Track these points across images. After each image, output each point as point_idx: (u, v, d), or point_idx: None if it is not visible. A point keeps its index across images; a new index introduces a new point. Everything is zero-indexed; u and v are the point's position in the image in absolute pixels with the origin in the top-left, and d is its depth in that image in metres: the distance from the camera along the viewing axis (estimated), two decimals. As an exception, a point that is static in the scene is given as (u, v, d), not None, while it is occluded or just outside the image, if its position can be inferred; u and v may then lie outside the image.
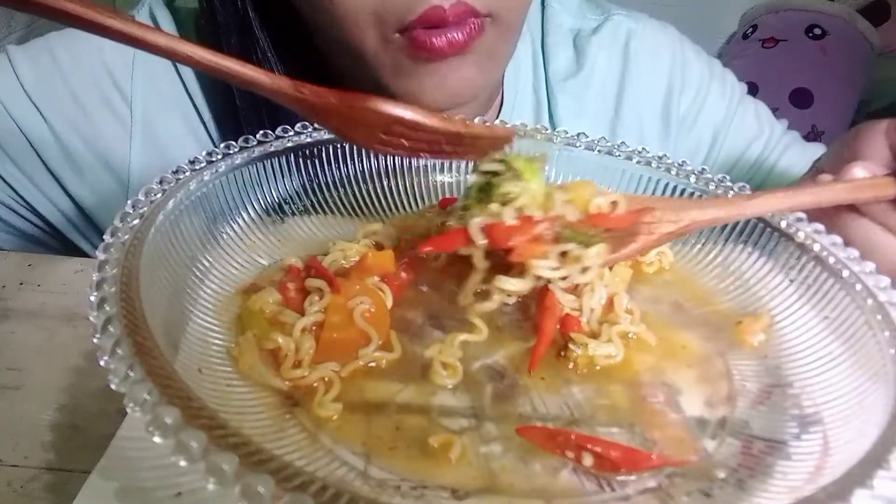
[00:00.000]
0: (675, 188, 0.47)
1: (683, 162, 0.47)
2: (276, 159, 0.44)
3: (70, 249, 0.63)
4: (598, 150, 0.49)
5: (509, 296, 0.36)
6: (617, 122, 0.69)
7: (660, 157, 0.48)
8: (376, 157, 0.48)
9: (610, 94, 0.69)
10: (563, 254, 0.36)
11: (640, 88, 0.70)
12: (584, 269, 0.36)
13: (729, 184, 0.45)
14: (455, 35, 0.49)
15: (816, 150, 0.71)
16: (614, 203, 0.38)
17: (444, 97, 0.52)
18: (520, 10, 0.54)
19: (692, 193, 0.46)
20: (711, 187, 0.46)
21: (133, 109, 0.59)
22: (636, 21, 0.71)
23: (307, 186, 0.46)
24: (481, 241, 0.35)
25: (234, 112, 0.58)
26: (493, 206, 0.36)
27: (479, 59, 0.52)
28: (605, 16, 0.71)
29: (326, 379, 0.33)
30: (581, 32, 0.70)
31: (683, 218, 0.39)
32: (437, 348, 0.35)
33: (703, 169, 0.47)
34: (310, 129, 0.46)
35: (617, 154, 0.48)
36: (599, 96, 0.69)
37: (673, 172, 0.47)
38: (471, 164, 0.49)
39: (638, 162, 0.48)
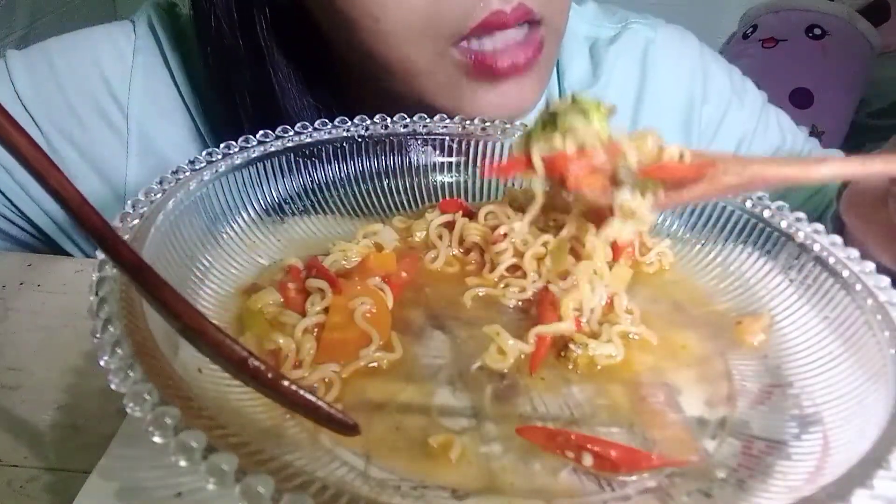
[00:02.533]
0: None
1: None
2: (276, 159, 0.44)
3: (62, 255, 0.62)
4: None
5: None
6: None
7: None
8: (376, 157, 0.48)
9: (627, 105, 0.68)
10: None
11: (659, 98, 0.68)
12: (630, 218, 0.37)
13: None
14: (518, 57, 0.48)
15: (836, 155, 0.70)
16: (681, 155, 0.38)
17: (504, 116, 0.51)
18: (566, 11, 0.53)
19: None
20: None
21: (129, 120, 0.59)
22: (654, 29, 0.69)
23: (307, 186, 0.46)
24: (540, 167, 0.37)
25: (232, 123, 0.57)
26: (557, 138, 0.37)
27: (536, 74, 0.51)
28: (623, 24, 0.69)
29: (327, 380, 0.33)
30: (598, 42, 0.68)
31: (748, 170, 0.38)
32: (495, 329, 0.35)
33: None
34: (310, 129, 0.46)
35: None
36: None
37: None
38: (470, 166, 0.50)
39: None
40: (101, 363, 0.25)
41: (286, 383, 0.25)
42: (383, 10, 0.47)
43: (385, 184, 0.48)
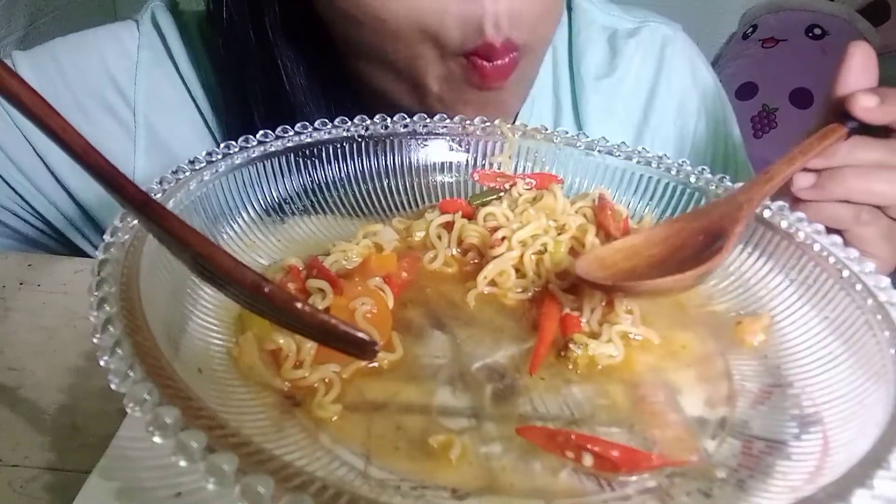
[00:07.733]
0: (674, 187, 0.47)
1: (683, 161, 0.48)
2: (276, 159, 0.44)
3: (70, 250, 0.63)
4: (598, 151, 0.49)
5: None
6: (644, 127, 0.69)
7: (659, 157, 0.48)
8: (376, 157, 0.48)
9: (641, 97, 0.69)
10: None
11: (671, 94, 0.69)
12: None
13: (728, 184, 0.45)
14: (501, 62, 0.49)
15: None
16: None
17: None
18: (548, 41, 0.55)
19: (693, 193, 0.46)
20: (712, 187, 0.46)
21: (137, 115, 0.60)
22: (672, 28, 0.71)
23: (307, 186, 0.46)
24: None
25: (240, 116, 0.57)
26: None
27: (513, 86, 0.53)
28: (643, 20, 0.70)
29: (327, 380, 0.33)
30: (617, 33, 0.69)
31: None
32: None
33: (703, 169, 0.47)
34: (310, 129, 0.46)
35: (617, 154, 0.49)
36: (630, 99, 0.68)
37: (673, 172, 0.47)
38: (470, 166, 0.50)
39: (638, 162, 0.48)
40: (101, 363, 0.25)
41: (300, 305, 0.25)
42: (389, 13, 0.47)
43: (385, 184, 0.48)
